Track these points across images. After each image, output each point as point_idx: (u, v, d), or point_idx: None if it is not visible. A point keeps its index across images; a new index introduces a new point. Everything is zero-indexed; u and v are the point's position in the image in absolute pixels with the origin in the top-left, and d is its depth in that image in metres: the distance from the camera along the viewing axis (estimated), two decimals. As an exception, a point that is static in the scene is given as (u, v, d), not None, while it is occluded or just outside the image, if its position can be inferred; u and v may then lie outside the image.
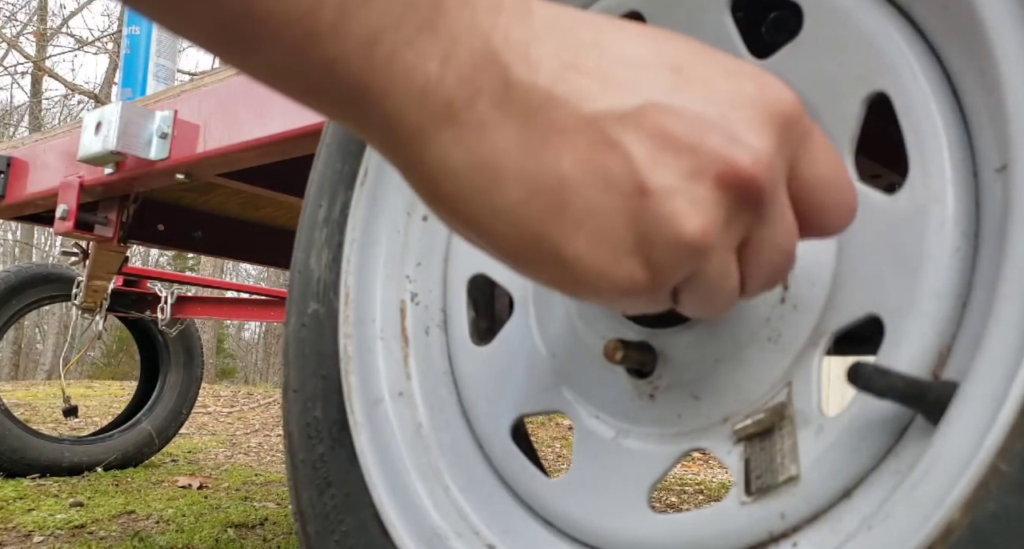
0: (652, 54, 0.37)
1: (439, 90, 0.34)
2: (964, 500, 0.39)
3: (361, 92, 0.34)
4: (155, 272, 3.14)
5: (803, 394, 0.52)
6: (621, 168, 0.35)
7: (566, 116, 0.35)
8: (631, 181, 0.35)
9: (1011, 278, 0.42)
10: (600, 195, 0.36)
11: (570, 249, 0.37)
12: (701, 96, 0.36)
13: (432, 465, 0.69)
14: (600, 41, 0.37)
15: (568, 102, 0.35)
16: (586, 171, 0.35)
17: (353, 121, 0.37)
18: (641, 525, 0.57)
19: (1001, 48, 0.44)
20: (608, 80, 0.36)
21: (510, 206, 0.36)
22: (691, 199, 0.36)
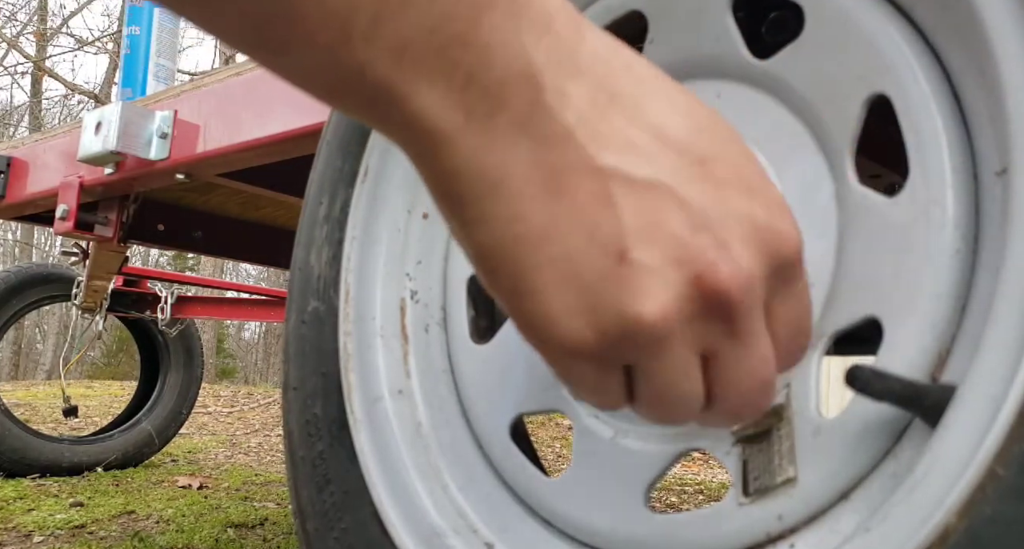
0: (685, 135, 0.37)
1: (461, 99, 0.34)
2: (961, 504, 0.39)
3: (386, 94, 0.34)
4: (155, 272, 3.14)
5: (802, 395, 0.52)
6: (610, 227, 0.35)
7: (579, 159, 0.35)
8: (615, 243, 0.35)
9: (1010, 281, 0.42)
10: (581, 244, 0.35)
11: (531, 281, 0.36)
12: (712, 198, 0.36)
13: (431, 463, 0.69)
14: (640, 100, 0.36)
15: (585, 147, 0.35)
16: (578, 217, 0.35)
17: (375, 120, 0.36)
18: (639, 525, 0.57)
19: (1002, 49, 0.44)
20: (631, 144, 0.35)
21: (496, 220, 0.36)
22: (662, 283, 0.35)
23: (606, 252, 0.35)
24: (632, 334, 0.36)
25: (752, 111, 0.58)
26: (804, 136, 0.55)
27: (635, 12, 0.65)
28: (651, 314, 0.35)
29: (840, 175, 0.53)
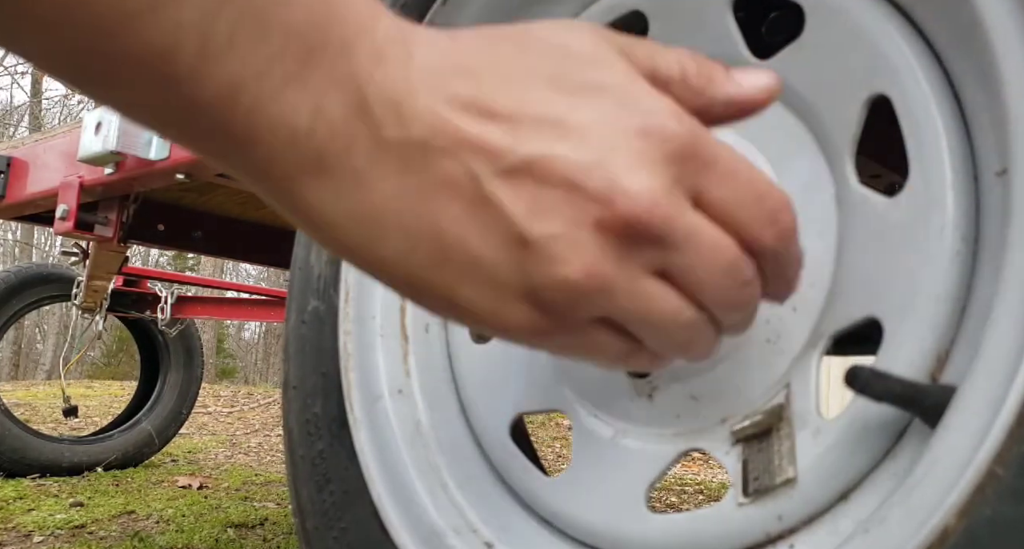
0: (534, 102, 0.36)
1: (309, 142, 0.34)
2: (960, 505, 0.39)
3: (228, 138, 0.34)
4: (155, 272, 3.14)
5: (801, 396, 0.52)
6: (498, 222, 0.36)
7: (441, 171, 0.35)
8: (509, 233, 0.36)
9: (1010, 282, 0.42)
10: (480, 247, 0.36)
11: (459, 295, 0.37)
12: (580, 144, 0.36)
13: (431, 463, 0.69)
14: (481, 89, 0.36)
15: (443, 157, 0.35)
16: (464, 225, 0.36)
17: (227, 165, 0.36)
18: (639, 525, 0.57)
19: (1002, 50, 0.44)
20: (481, 136, 0.36)
21: (393, 257, 0.37)
22: (571, 244, 0.36)
23: (506, 245, 0.36)
24: (575, 299, 0.37)
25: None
26: (804, 136, 0.55)
27: (636, 12, 0.65)
28: (575, 275, 0.36)
29: (840, 176, 0.53)
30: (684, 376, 0.58)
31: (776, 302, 0.45)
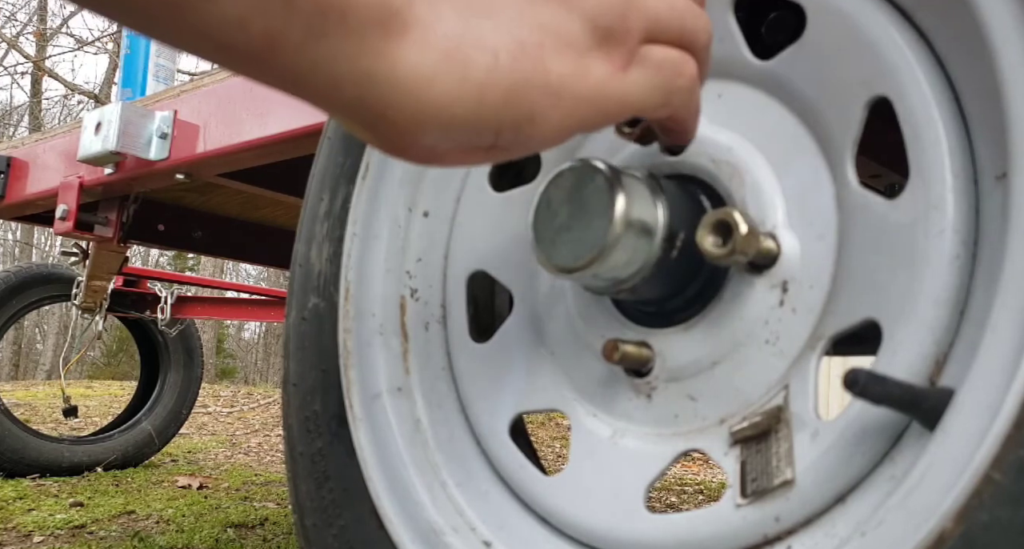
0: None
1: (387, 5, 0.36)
2: (957, 509, 0.39)
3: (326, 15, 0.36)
4: (155, 272, 3.14)
5: (800, 397, 0.52)
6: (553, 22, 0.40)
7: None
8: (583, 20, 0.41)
9: (1009, 286, 0.42)
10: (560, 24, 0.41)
11: (550, 78, 0.40)
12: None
13: (430, 461, 0.69)
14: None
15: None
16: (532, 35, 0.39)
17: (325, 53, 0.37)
18: (637, 525, 0.57)
19: (1003, 53, 0.44)
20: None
21: (483, 73, 0.39)
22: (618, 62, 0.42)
23: (582, 23, 0.41)
24: (626, 19, 0.43)
25: (753, 112, 0.58)
26: (805, 137, 0.55)
27: None
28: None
29: (841, 177, 0.53)
30: (683, 376, 0.58)
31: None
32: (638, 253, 0.54)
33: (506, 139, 0.41)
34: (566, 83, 0.41)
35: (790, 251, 0.54)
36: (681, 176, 0.60)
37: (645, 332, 0.60)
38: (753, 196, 0.56)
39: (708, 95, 0.60)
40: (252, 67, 0.37)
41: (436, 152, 0.41)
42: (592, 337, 0.63)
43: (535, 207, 0.58)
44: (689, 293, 0.58)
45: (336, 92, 0.38)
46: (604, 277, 0.56)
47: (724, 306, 0.57)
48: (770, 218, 0.55)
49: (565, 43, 0.41)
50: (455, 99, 0.38)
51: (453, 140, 0.40)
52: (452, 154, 0.42)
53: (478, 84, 0.39)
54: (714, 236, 0.52)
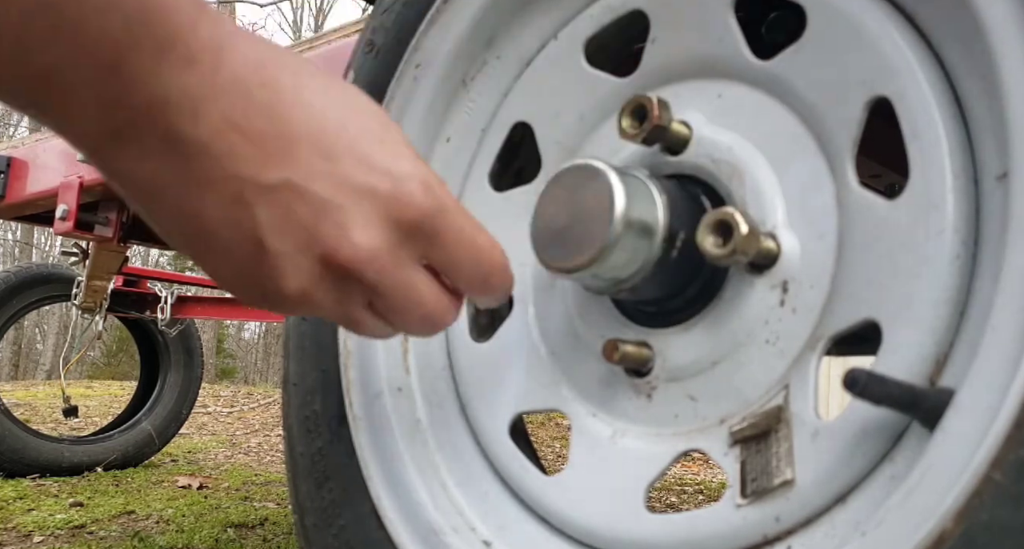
0: (313, 133, 0.44)
1: (110, 120, 0.41)
2: (957, 509, 0.39)
3: (41, 110, 0.41)
4: (155, 272, 3.14)
5: (800, 397, 0.52)
6: (249, 225, 0.44)
7: (215, 170, 0.43)
8: (254, 237, 0.44)
9: (1009, 286, 0.42)
10: (232, 239, 0.44)
11: (209, 266, 0.47)
12: (336, 189, 0.45)
13: (430, 461, 0.69)
14: (273, 107, 0.43)
15: (220, 159, 0.42)
16: (223, 218, 0.44)
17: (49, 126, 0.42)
18: (637, 525, 0.57)
19: (1003, 53, 0.44)
20: (261, 148, 0.43)
21: (164, 223, 0.45)
22: (295, 265, 0.45)
23: (250, 244, 0.45)
24: (281, 304, 0.47)
25: (753, 112, 0.58)
26: (805, 137, 0.55)
27: (637, 11, 0.65)
28: (290, 290, 0.46)
29: (841, 177, 0.53)
30: (683, 376, 0.58)
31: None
32: (638, 253, 0.55)
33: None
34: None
35: (790, 251, 0.54)
36: (681, 176, 0.60)
37: (645, 332, 0.60)
38: (753, 196, 0.56)
39: (709, 95, 0.60)
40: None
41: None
42: (592, 337, 0.63)
43: (536, 207, 0.58)
44: (689, 293, 0.58)
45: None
46: (604, 277, 0.56)
47: (724, 306, 0.57)
48: (770, 218, 0.55)
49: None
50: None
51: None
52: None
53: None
54: (714, 236, 0.53)
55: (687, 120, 0.60)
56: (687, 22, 0.61)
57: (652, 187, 0.55)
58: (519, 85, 0.73)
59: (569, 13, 0.70)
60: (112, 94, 0.40)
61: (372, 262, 0.46)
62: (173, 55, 0.40)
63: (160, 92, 0.40)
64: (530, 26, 0.71)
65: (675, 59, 0.62)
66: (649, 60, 0.64)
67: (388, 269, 0.47)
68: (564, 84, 0.69)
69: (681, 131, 0.60)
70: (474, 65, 0.74)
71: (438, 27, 0.73)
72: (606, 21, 0.67)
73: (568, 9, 0.70)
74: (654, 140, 0.59)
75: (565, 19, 0.70)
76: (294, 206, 0.44)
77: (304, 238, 0.45)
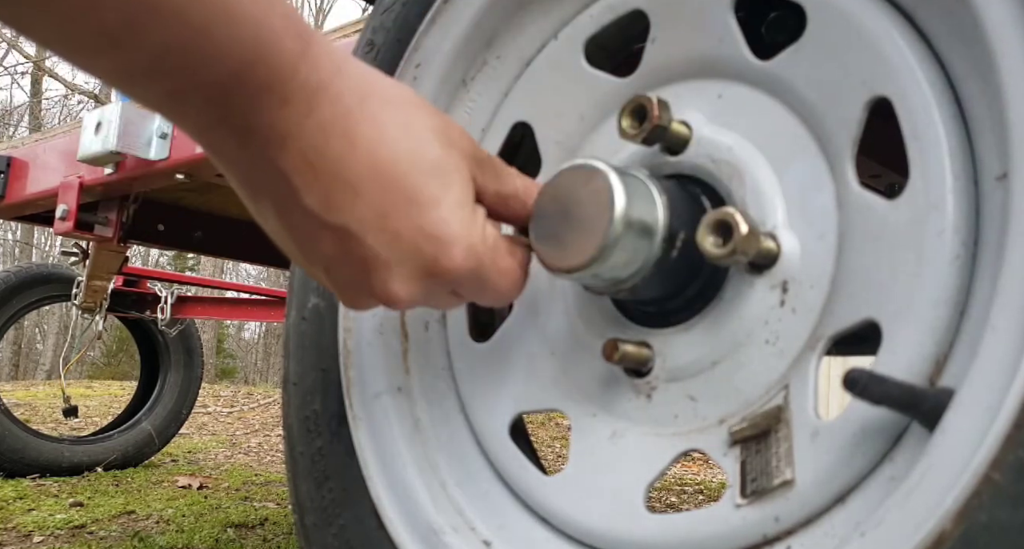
0: (375, 189, 0.50)
1: (215, 133, 0.49)
2: (957, 510, 0.39)
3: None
4: (155, 272, 3.14)
5: (800, 398, 0.52)
6: (318, 249, 0.52)
7: (293, 196, 0.50)
8: (322, 260, 0.53)
9: (1009, 287, 0.42)
10: (307, 253, 0.54)
11: (324, 277, 0.55)
12: (386, 241, 0.51)
13: (430, 460, 0.69)
14: (345, 159, 0.49)
15: (296, 190, 0.50)
16: (301, 236, 0.52)
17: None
18: (636, 525, 0.57)
19: (1003, 53, 0.44)
20: (328, 192, 0.49)
21: (263, 216, 0.54)
22: (349, 290, 0.55)
23: (319, 262, 0.53)
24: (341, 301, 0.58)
25: (754, 112, 0.58)
26: (805, 137, 0.55)
27: (637, 11, 0.65)
28: (344, 300, 0.57)
29: (841, 177, 0.53)
30: (683, 376, 0.58)
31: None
32: (638, 253, 0.55)
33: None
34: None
35: (790, 251, 0.54)
36: (681, 176, 0.60)
37: (645, 332, 0.60)
38: (753, 196, 0.56)
39: (709, 95, 0.60)
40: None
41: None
42: (592, 337, 0.63)
43: (535, 207, 0.58)
44: (689, 293, 0.58)
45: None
46: (604, 277, 0.56)
47: (724, 306, 0.57)
48: (770, 218, 0.55)
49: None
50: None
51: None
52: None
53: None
54: (714, 236, 0.52)
55: (687, 120, 0.60)
56: (687, 22, 0.61)
57: (652, 187, 0.55)
58: (519, 85, 0.73)
59: (569, 13, 0.70)
60: (218, 117, 0.46)
61: (407, 304, 0.55)
62: (272, 95, 0.46)
63: (257, 123, 0.47)
64: (530, 26, 0.71)
65: (675, 59, 0.62)
66: (649, 60, 0.64)
67: (419, 304, 0.56)
68: (564, 84, 0.69)
69: (681, 131, 0.60)
70: (474, 65, 0.74)
71: (438, 27, 0.73)
72: (606, 21, 0.67)
73: (568, 9, 0.70)
74: (654, 140, 0.59)
75: (565, 19, 0.70)
76: (349, 248, 0.51)
77: (355, 276, 0.53)
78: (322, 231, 0.51)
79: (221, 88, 0.45)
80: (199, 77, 0.44)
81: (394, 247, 0.51)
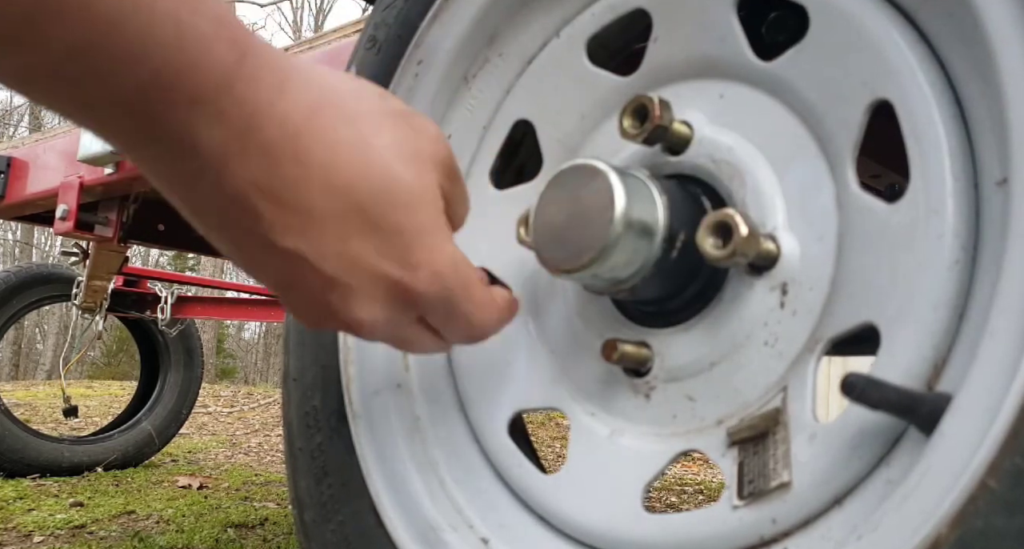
0: (334, 215, 0.46)
1: (142, 148, 0.44)
2: (952, 515, 0.39)
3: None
4: (155, 272, 3.14)
5: (798, 400, 0.52)
6: (269, 272, 0.49)
7: (240, 220, 0.46)
8: (274, 282, 0.49)
9: (1008, 292, 0.42)
10: (258, 272, 0.49)
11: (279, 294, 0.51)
12: (345, 266, 0.47)
13: (429, 458, 0.69)
14: (299, 184, 0.45)
15: (243, 213, 0.45)
16: (249, 257, 0.48)
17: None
18: (634, 524, 0.57)
19: (1004, 57, 0.44)
20: (281, 216, 0.45)
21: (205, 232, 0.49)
22: (306, 313, 0.51)
23: (271, 283, 0.49)
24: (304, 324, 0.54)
25: (755, 112, 0.57)
26: (806, 139, 0.55)
27: (639, 10, 0.65)
28: (304, 322, 0.52)
29: (841, 179, 0.53)
30: (682, 377, 0.58)
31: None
32: (638, 253, 0.54)
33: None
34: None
35: (790, 253, 0.54)
36: (682, 176, 0.60)
37: (644, 332, 0.60)
38: (754, 197, 0.56)
39: (710, 95, 0.60)
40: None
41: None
42: (591, 336, 0.63)
43: (536, 206, 0.58)
44: (689, 293, 0.58)
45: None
46: (604, 277, 0.56)
47: (724, 307, 0.57)
48: (770, 219, 0.55)
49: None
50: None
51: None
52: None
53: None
54: (714, 238, 0.52)
55: (688, 120, 0.60)
56: (690, 21, 0.61)
57: (652, 187, 0.55)
58: (521, 83, 0.73)
59: (571, 11, 0.70)
60: (143, 133, 0.42)
61: (369, 331, 0.51)
62: (202, 111, 0.41)
63: (189, 142, 0.42)
64: (532, 24, 0.71)
65: (677, 58, 0.62)
66: (651, 59, 0.64)
67: (384, 332, 0.52)
68: (566, 82, 0.69)
69: (682, 131, 0.59)
70: (476, 62, 0.74)
71: (440, 24, 0.73)
72: (608, 19, 0.67)
73: (570, 7, 0.70)
74: (655, 140, 0.59)
75: (567, 17, 0.70)
76: (305, 274, 0.47)
77: (313, 298, 0.49)
78: (273, 256, 0.47)
79: (141, 99, 0.40)
80: (112, 85, 0.39)
81: (354, 272, 0.48)
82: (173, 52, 0.39)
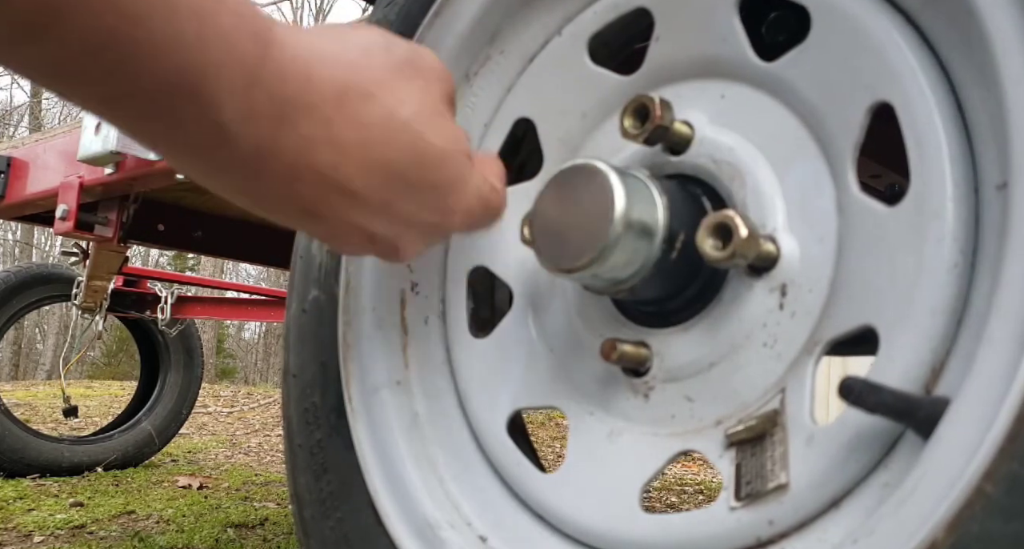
0: (373, 185, 0.49)
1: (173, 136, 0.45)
2: (949, 520, 0.39)
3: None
4: (155, 272, 3.14)
5: (796, 402, 0.52)
6: (318, 227, 0.53)
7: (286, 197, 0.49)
8: (320, 235, 0.55)
9: (1007, 297, 0.42)
10: (307, 229, 0.55)
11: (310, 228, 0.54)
12: (390, 223, 0.52)
13: (427, 455, 0.69)
14: (339, 166, 0.48)
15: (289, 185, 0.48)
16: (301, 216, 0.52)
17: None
18: (632, 524, 0.57)
19: (1005, 62, 0.44)
20: (326, 197, 0.49)
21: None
22: (352, 249, 0.57)
23: (312, 234, 0.56)
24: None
25: (756, 113, 0.57)
26: (807, 140, 0.55)
27: (642, 9, 0.65)
28: (344, 251, 0.64)
29: (841, 181, 0.53)
30: (681, 377, 0.58)
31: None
32: (638, 254, 0.54)
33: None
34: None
35: (790, 254, 0.54)
36: (682, 176, 0.60)
37: (644, 332, 0.60)
38: (754, 198, 0.56)
39: (711, 95, 0.60)
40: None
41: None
42: (591, 336, 0.63)
43: (536, 206, 0.58)
44: (688, 294, 0.58)
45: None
46: (604, 277, 0.56)
47: (723, 308, 0.57)
48: (770, 220, 0.55)
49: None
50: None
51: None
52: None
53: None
54: (714, 239, 0.52)
55: (689, 120, 0.60)
56: (692, 21, 0.61)
57: (652, 188, 0.55)
58: (522, 81, 0.73)
59: (573, 10, 0.70)
60: (172, 128, 0.42)
61: (403, 260, 0.57)
62: (231, 107, 0.42)
63: (222, 135, 0.43)
64: (534, 22, 0.71)
65: (679, 58, 0.62)
66: (653, 59, 0.64)
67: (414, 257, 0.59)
68: (567, 81, 0.69)
69: (683, 131, 0.59)
70: (477, 60, 0.74)
71: (441, 22, 0.73)
72: (610, 18, 0.67)
73: (572, 6, 0.70)
74: (656, 140, 0.59)
75: (569, 15, 0.70)
76: (351, 233, 0.52)
77: (353, 244, 0.54)
78: (318, 224, 0.51)
79: (167, 96, 0.40)
80: (137, 80, 0.39)
81: (399, 228, 0.53)
82: (195, 51, 0.39)
